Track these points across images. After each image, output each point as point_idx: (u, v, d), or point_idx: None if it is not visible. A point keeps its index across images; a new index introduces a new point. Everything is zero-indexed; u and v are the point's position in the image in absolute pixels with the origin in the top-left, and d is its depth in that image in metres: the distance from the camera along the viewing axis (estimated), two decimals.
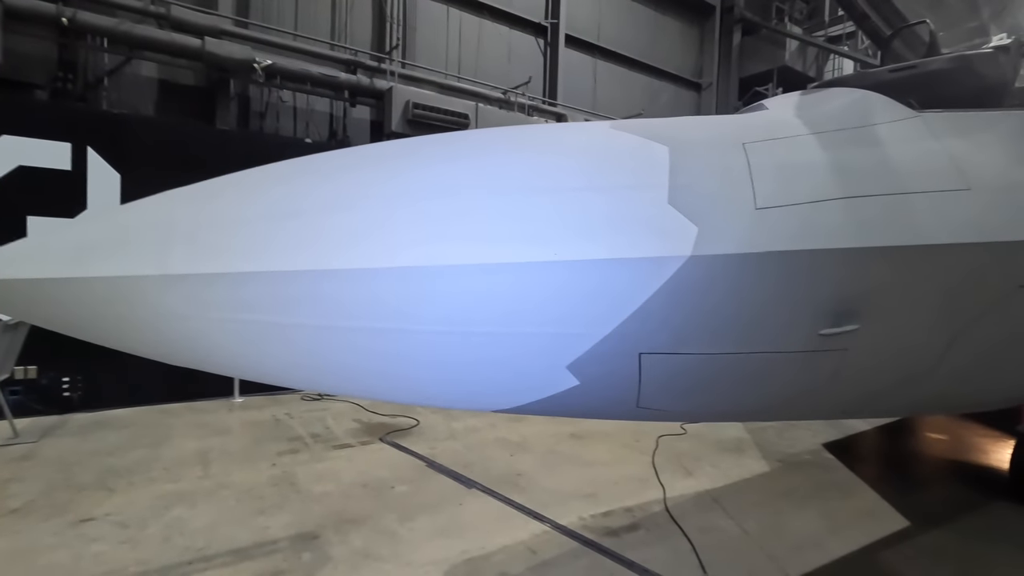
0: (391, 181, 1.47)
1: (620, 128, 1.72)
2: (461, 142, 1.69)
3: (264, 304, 1.31)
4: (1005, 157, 2.04)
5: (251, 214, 1.38)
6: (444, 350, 1.41)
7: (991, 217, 1.86)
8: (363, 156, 1.65)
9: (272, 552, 3.05)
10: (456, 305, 1.37)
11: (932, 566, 3.13)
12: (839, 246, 1.60)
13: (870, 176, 1.78)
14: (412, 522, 3.44)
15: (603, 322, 1.43)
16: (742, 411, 2.00)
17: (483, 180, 1.48)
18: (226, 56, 7.77)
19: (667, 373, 1.56)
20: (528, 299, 1.39)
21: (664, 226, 1.47)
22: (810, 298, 1.62)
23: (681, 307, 1.47)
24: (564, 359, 1.46)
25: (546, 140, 1.71)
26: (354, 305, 1.33)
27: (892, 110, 2.04)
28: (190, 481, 3.97)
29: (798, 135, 1.85)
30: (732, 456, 4.88)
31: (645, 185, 1.52)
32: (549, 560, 3.07)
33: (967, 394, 2.44)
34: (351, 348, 1.38)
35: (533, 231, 1.40)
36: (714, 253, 1.47)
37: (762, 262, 1.52)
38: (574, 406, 1.61)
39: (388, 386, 1.52)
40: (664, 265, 1.43)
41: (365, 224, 1.37)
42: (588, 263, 1.39)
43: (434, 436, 5.21)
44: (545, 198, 1.45)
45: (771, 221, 1.56)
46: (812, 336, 1.63)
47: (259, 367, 1.46)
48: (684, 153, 1.63)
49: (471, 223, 1.40)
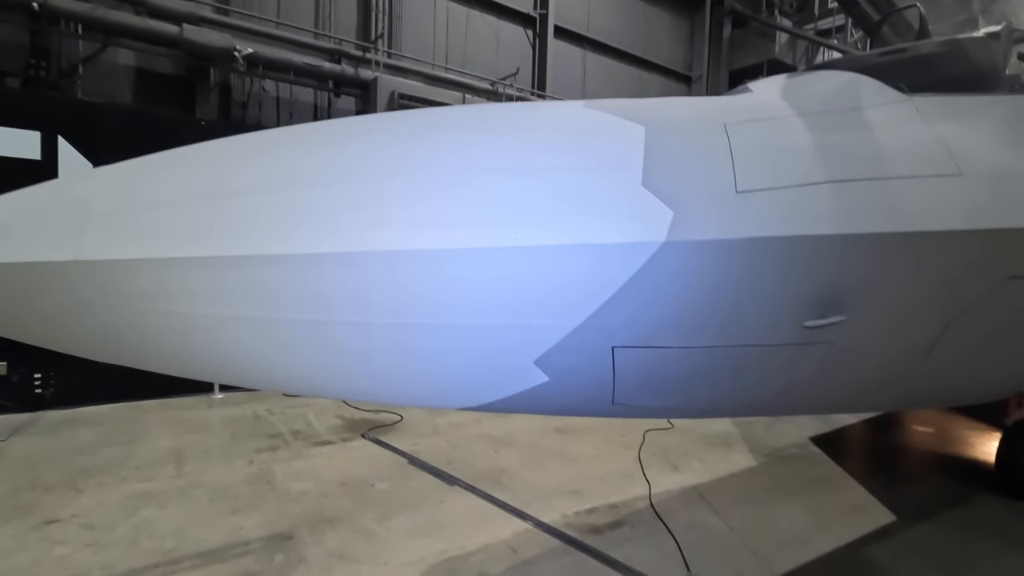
0: (339, 159, 1.36)
1: (595, 107, 1.62)
2: (421, 119, 1.58)
3: (194, 294, 1.20)
4: (997, 142, 1.96)
5: (180, 195, 1.26)
6: (397, 344, 1.31)
7: (982, 204, 1.78)
8: (310, 132, 1.53)
9: (243, 554, 2.94)
10: (406, 295, 1.27)
11: (918, 560, 3.08)
12: (825, 232, 1.52)
13: (857, 160, 1.70)
14: (391, 521, 3.35)
15: (572, 313, 1.33)
16: (725, 407, 1.92)
17: (439, 160, 1.38)
18: (205, 44, 7.58)
19: (643, 368, 1.47)
20: (487, 288, 1.29)
21: (637, 210, 1.37)
22: (794, 288, 1.54)
23: (656, 297, 1.38)
24: (531, 354, 1.37)
25: (515, 118, 1.60)
26: (292, 295, 1.22)
27: (881, 93, 1.96)
28: (163, 480, 3.85)
29: (783, 117, 1.77)
30: (719, 450, 4.83)
31: (618, 166, 1.43)
32: (530, 559, 2.99)
33: (957, 387, 2.39)
34: (293, 342, 1.27)
35: (492, 214, 1.30)
36: (690, 239, 1.37)
37: (743, 249, 1.43)
38: (545, 403, 1.52)
39: (335, 383, 1.41)
40: (636, 252, 1.34)
41: (306, 206, 1.26)
42: (553, 249, 1.29)
43: (418, 432, 5.12)
44: (507, 179, 1.35)
45: (753, 205, 1.47)
46: (796, 328, 1.55)
47: (192, 364, 1.35)
48: (661, 133, 1.53)
49: (422, 205, 1.29)
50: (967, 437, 5.46)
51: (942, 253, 1.72)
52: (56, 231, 1.18)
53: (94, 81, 7.62)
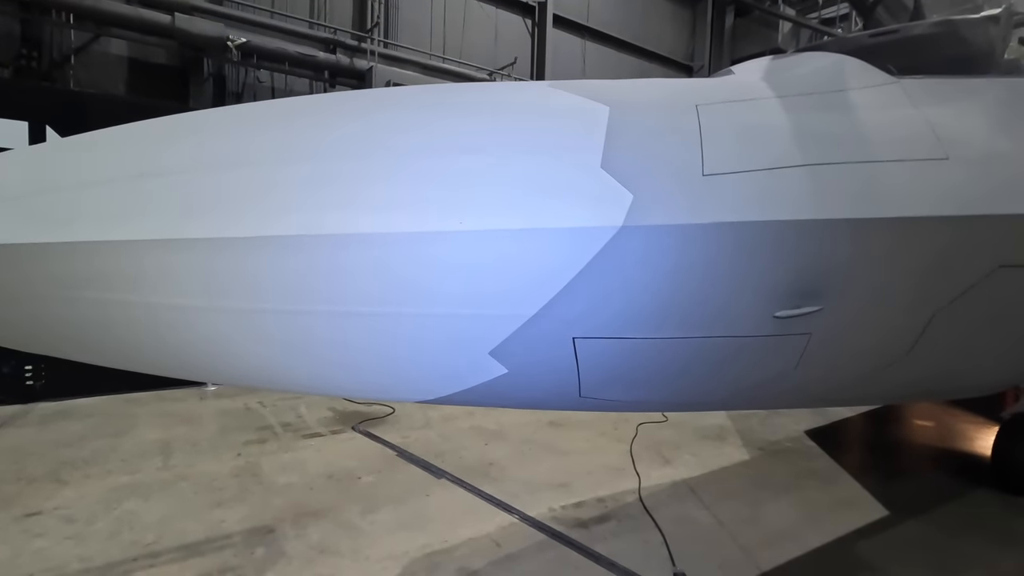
0: (274, 140, 1.30)
1: (560, 87, 1.55)
2: (370, 99, 1.51)
3: (109, 279, 1.14)
4: (988, 126, 1.89)
5: (101, 175, 1.20)
6: (337, 334, 1.25)
7: (970, 189, 1.71)
8: (247, 112, 1.45)
9: (224, 547, 2.91)
10: (342, 282, 1.20)
11: (908, 557, 3.03)
12: (799, 218, 1.45)
13: (838, 143, 1.63)
14: (375, 514, 3.32)
15: (526, 302, 1.27)
16: (700, 401, 1.86)
17: (383, 140, 1.31)
18: (198, 33, 7.51)
19: (608, 360, 1.41)
20: (432, 276, 1.23)
21: (594, 193, 1.31)
22: (764, 277, 1.47)
23: (616, 285, 1.32)
24: (485, 345, 1.31)
25: (471, 98, 1.53)
26: (218, 282, 1.17)
27: (868, 75, 1.88)
28: (148, 473, 3.82)
29: (760, 98, 1.69)
30: (712, 444, 4.78)
31: (576, 147, 1.36)
32: (513, 553, 2.96)
33: (946, 381, 2.32)
34: (218, 332, 1.22)
35: (435, 197, 1.24)
36: (651, 223, 1.31)
37: (709, 235, 1.36)
38: (508, 396, 1.47)
39: (272, 374, 1.35)
40: (592, 237, 1.27)
41: (235, 187, 1.20)
42: (502, 234, 1.23)
43: (409, 425, 5.09)
44: (456, 160, 1.29)
45: (720, 189, 1.40)
46: (768, 319, 1.48)
47: (117, 354, 1.29)
48: (627, 114, 1.46)
49: (359, 187, 1.23)
50: (965, 431, 5.39)
51: (927, 240, 1.65)
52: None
53: (87, 71, 7.55)
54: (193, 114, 1.43)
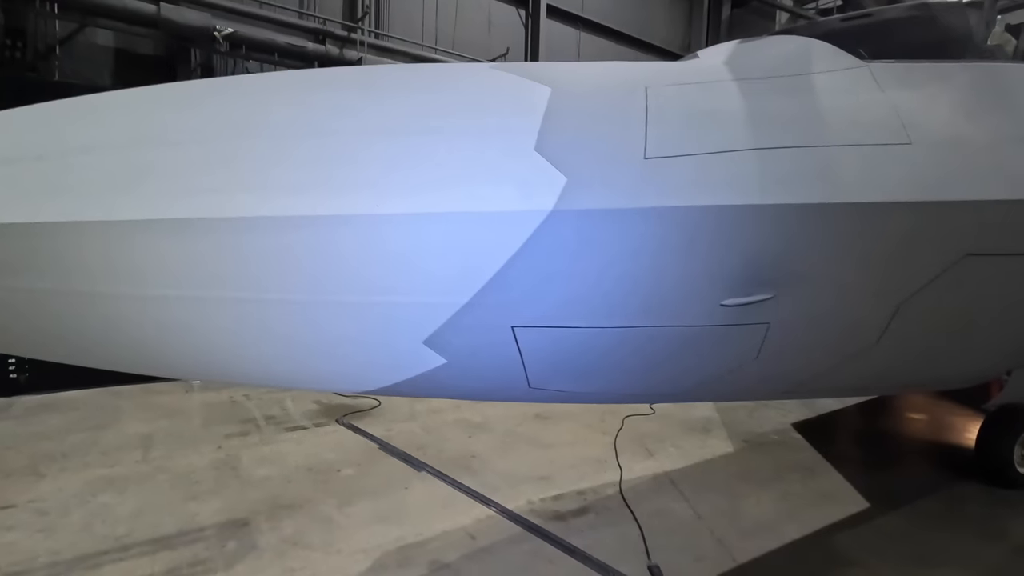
0: (187, 119, 1.25)
1: (502, 68, 1.50)
2: (300, 79, 1.47)
3: (6, 265, 1.10)
4: (957, 111, 1.84)
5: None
6: (252, 322, 1.21)
7: (934, 174, 1.66)
8: (165, 92, 1.39)
9: (196, 540, 2.89)
10: (256, 268, 1.16)
11: (886, 549, 3.01)
12: (747, 203, 1.40)
13: (794, 126, 1.58)
14: (351, 507, 3.30)
15: (457, 289, 1.23)
16: (659, 392, 1.82)
17: (308, 121, 1.26)
18: (184, 23, 7.42)
19: (553, 350, 1.38)
20: (348, 261, 1.18)
21: (524, 176, 1.26)
22: (711, 263, 1.42)
23: (552, 272, 1.28)
24: (418, 333, 1.27)
25: (406, 79, 1.49)
26: (119, 267, 1.12)
27: (836, 59, 1.83)
28: (126, 466, 3.80)
29: (718, 81, 1.64)
30: (698, 436, 4.76)
31: (510, 129, 1.31)
32: (488, 546, 2.93)
33: (921, 372, 2.29)
34: (123, 319, 1.18)
35: (351, 179, 1.19)
36: (585, 208, 1.26)
37: (648, 220, 1.32)
38: (452, 387, 1.43)
39: (184, 362, 1.31)
40: (521, 221, 1.23)
41: (136, 167, 1.15)
42: (422, 218, 1.18)
43: (393, 417, 5.06)
44: (378, 141, 1.24)
45: (662, 172, 1.36)
46: (715, 307, 1.44)
47: (17, 341, 1.24)
48: (569, 95, 1.41)
49: (272, 169, 1.18)
50: (953, 423, 5.37)
51: (889, 227, 1.60)
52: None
53: (72, 62, 7.47)
54: (105, 94, 1.39)
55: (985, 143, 1.78)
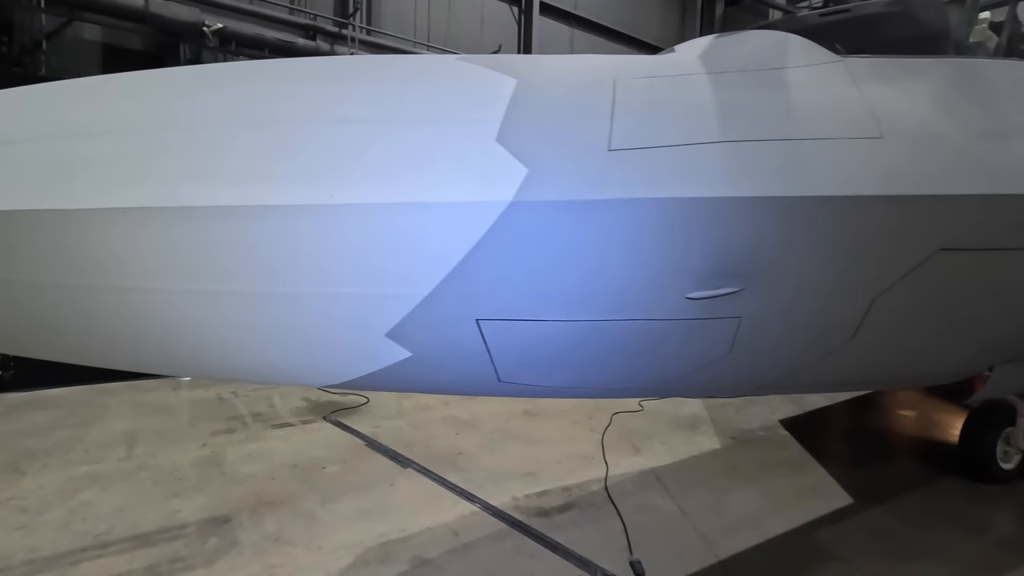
0: (133, 108, 1.23)
1: (471, 60, 1.49)
2: (255, 69, 1.44)
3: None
4: (931, 106, 1.84)
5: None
6: (208, 313, 1.20)
7: (905, 169, 1.66)
8: (118, 80, 1.37)
9: (176, 537, 2.88)
10: (208, 259, 1.15)
11: (867, 544, 3.03)
12: (713, 195, 1.40)
13: (764, 120, 1.57)
14: (335, 504, 3.29)
15: (418, 281, 1.22)
16: (632, 387, 1.81)
17: (260, 110, 1.25)
18: (173, 18, 7.37)
19: (521, 344, 1.37)
20: (304, 252, 1.17)
21: (484, 166, 1.25)
22: (676, 256, 1.42)
23: (515, 264, 1.27)
24: (381, 326, 1.26)
25: (368, 68, 1.47)
26: (53, 257, 1.10)
27: (811, 54, 1.83)
28: (110, 463, 3.78)
29: (689, 74, 1.64)
30: (685, 433, 4.76)
31: (472, 119, 1.31)
32: (471, 543, 2.93)
33: (898, 368, 2.29)
34: (88, 311, 1.16)
35: (305, 169, 1.18)
36: (546, 199, 1.26)
37: (611, 212, 1.31)
38: (419, 381, 1.42)
39: (151, 355, 1.30)
40: (480, 212, 1.22)
41: (79, 155, 1.14)
42: (380, 208, 1.17)
43: (381, 414, 5.05)
44: (335, 130, 1.23)
45: (625, 164, 1.35)
46: (681, 300, 1.44)
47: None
48: (534, 87, 1.41)
49: (224, 158, 1.17)
50: (940, 419, 5.40)
51: (859, 221, 1.60)
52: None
53: (59, 57, 7.41)
54: (51, 84, 1.36)
55: (959, 138, 1.79)
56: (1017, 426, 3.75)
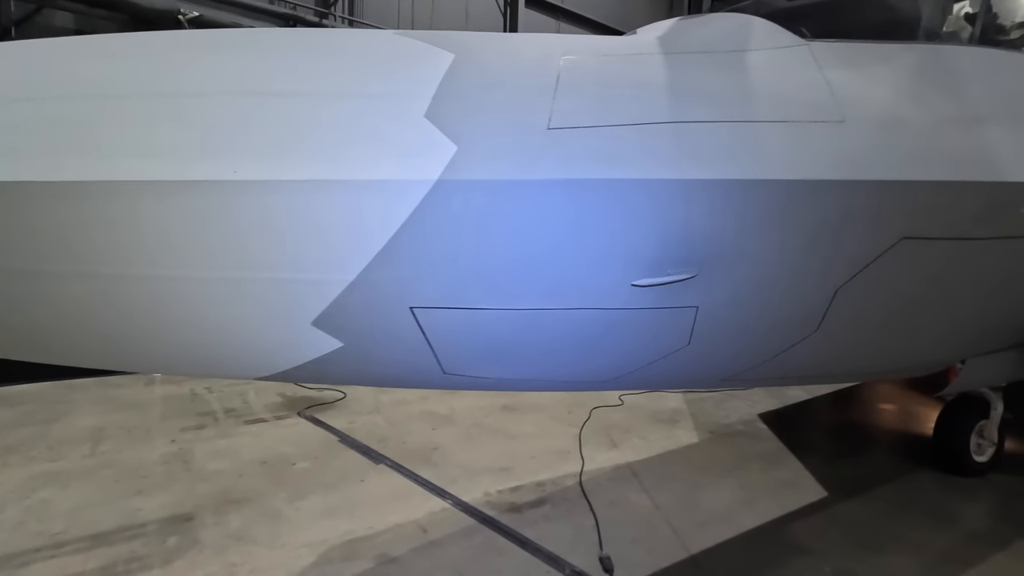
0: (25, 75, 1.15)
1: (410, 35, 1.42)
2: (168, 39, 1.35)
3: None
4: (896, 92, 1.79)
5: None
6: (108, 299, 1.13)
7: (865, 153, 1.61)
8: (17, 48, 1.28)
9: (135, 536, 2.80)
10: (101, 239, 1.07)
11: (839, 537, 3.01)
12: (659, 177, 1.34)
13: (720, 101, 1.52)
14: (303, 501, 3.22)
15: (340, 266, 1.15)
16: (590, 380, 1.76)
17: (162, 80, 1.17)
18: (147, 6, 7.20)
19: (458, 333, 1.31)
20: (208, 232, 1.09)
21: (411, 143, 1.19)
22: (619, 241, 1.36)
23: (446, 248, 1.20)
24: (304, 314, 1.19)
25: (295, 41, 1.40)
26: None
27: (775, 37, 1.78)
28: (72, 460, 3.68)
29: (643, 54, 1.58)
30: (664, 427, 4.74)
31: (401, 94, 1.24)
32: (438, 539, 2.88)
33: (865, 360, 2.26)
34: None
35: (209, 142, 1.10)
36: (475, 178, 1.19)
37: (548, 192, 1.25)
38: (354, 372, 1.35)
39: (56, 345, 1.22)
40: (403, 192, 1.15)
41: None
42: (289, 186, 1.10)
43: (357, 410, 4.98)
44: (243, 102, 1.15)
45: (565, 143, 1.29)
46: (628, 289, 1.38)
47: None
48: (474, 63, 1.34)
49: (114, 130, 1.09)
50: (918, 412, 5.42)
51: (818, 207, 1.55)
52: None
53: None
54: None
55: (924, 124, 1.75)
56: (991, 419, 3.76)
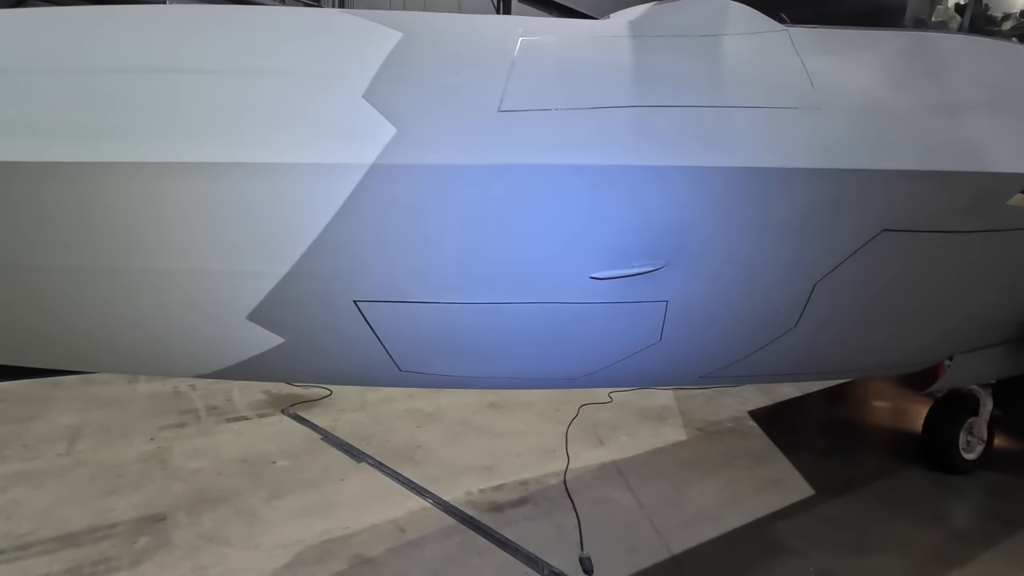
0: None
1: (356, 13, 1.35)
2: (84, 13, 1.28)
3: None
4: (878, 78, 1.73)
5: None
6: (22, 292, 1.06)
7: (841, 141, 1.55)
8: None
9: (104, 537, 2.74)
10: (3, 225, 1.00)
11: (824, 536, 2.97)
12: (617, 163, 1.27)
13: (690, 86, 1.46)
14: (280, 500, 3.16)
15: (273, 257, 1.09)
16: (555, 377, 1.69)
17: (74, 56, 1.10)
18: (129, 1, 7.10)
19: (409, 329, 1.24)
20: (108, 219, 1.02)
21: (346, 125, 1.12)
22: (574, 230, 1.30)
23: (384, 238, 1.14)
24: (238, 307, 1.12)
25: (231, 17, 1.32)
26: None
27: (752, 22, 1.71)
28: (48, 459, 3.62)
29: (612, 37, 1.51)
30: (652, 425, 4.69)
31: (339, 73, 1.17)
32: (416, 539, 2.82)
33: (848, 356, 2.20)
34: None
35: (120, 122, 1.03)
36: (415, 162, 1.12)
37: (496, 178, 1.18)
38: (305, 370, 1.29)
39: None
40: (339, 177, 1.09)
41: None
42: (206, 168, 1.03)
43: (342, 407, 4.92)
44: (166, 80, 1.08)
45: (516, 127, 1.22)
46: (586, 281, 1.32)
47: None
48: (423, 42, 1.27)
49: (6, 105, 1.01)
50: (910, 410, 5.39)
51: (793, 197, 1.49)
52: None
53: None
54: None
55: (906, 112, 1.69)
56: (980, 416, 3.71)
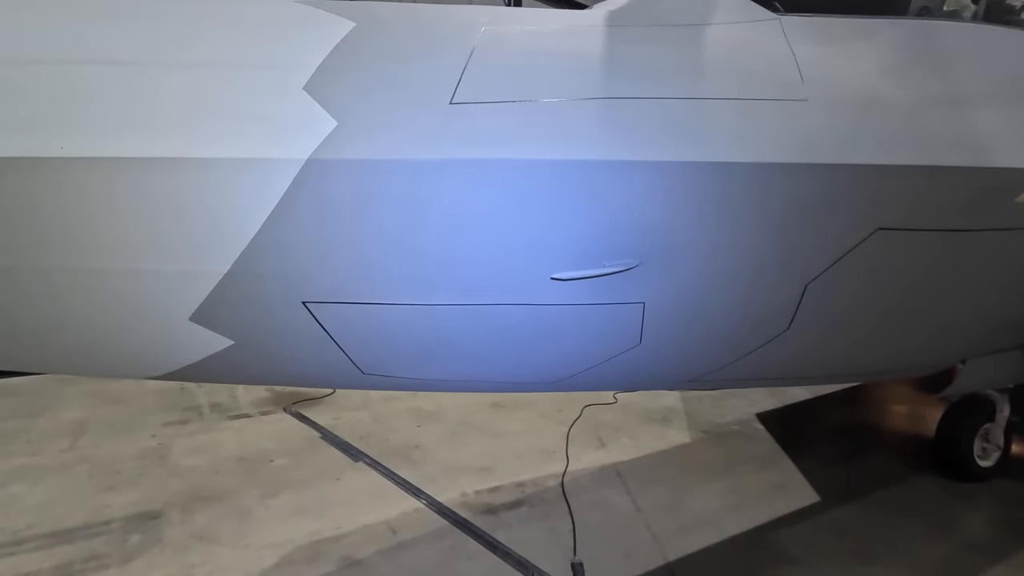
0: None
1: (308, 3, 1.29)
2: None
3: None
4: (875, 69, 1.64)
5: None
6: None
7: (831, 135, 1.47)
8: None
9: (98, 534, 2.75)
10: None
11: (830, 544, 2.87)
12: (581, 157, 1.21)
13: (668, 78, 1.39)
14: (274, 499, 3.16)
15: (211, 256, 1.05)
16: (529, 381, 1.64)
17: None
18: None
19: (368, 331, 1.20)
20: (41, 215, 0.99)
21: (284, 118, 1.07)
22: (532, 228, 1.24)
23: (327, 236, 1.09)
24: (180, 308, 1.08)
25: (176, 3, 1.27)
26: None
27: (743, 10, 1.63)
28: (50, 455, 3.66)
29: (586, 26, 1.45)
30: (656, 427, 4.60)
31: (280, 64, 1.13)
32: (407, 542, 2.79)
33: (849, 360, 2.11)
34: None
35: (32, 114, 0.99)
36: (355, 157, 1.08)
37: (447, 174, 1.13)
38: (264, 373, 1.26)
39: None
40: (274, 172, 1.04)
41: None
42: (126, 164, 0.99)
43: (344, 405, 4.91)
44: (90, 71, 1.04)
45: (468, 120, 1.16)
46: (548, 282, 1.26)
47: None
48: (377, 32, 1.22)
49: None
50: (925, 413, 5.22)
51: (778, 193, 1.42)
52: None
53: None
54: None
55: (904, 104, 1.60)
56: (996, 422, 3.57)
